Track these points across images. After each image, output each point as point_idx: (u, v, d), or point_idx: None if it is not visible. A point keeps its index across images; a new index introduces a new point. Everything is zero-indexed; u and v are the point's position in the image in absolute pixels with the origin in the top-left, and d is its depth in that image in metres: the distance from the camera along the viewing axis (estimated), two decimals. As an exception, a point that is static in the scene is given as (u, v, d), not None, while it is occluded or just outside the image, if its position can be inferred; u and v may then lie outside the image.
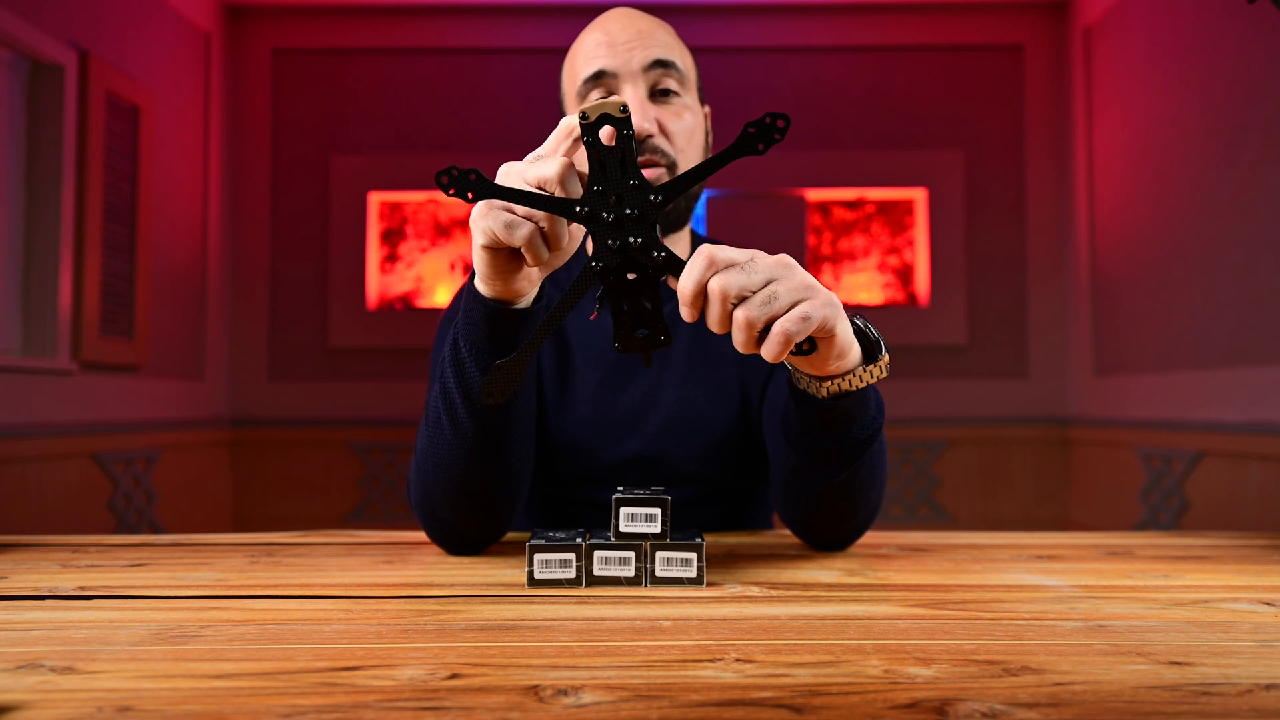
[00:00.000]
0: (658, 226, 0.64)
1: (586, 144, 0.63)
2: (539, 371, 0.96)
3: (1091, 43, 3.10)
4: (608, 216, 0.63)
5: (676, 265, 0.64)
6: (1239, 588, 0.67)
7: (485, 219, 0.66)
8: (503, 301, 0.73)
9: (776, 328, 0.61)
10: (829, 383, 0.70)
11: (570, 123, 0.65)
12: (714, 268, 0.62)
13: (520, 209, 0.65)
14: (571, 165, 0.64)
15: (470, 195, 0.65)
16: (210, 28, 3.14)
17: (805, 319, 0.62)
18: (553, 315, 0.64)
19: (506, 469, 0.79)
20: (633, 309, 0.64)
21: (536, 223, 0.65)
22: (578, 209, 0.63)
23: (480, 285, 0.72)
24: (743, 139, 0.63)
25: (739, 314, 0.61)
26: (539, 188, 0.64)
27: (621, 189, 0.63)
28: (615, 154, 0.63)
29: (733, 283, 0.61)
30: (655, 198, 0.63)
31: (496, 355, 0.74)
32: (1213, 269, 2.43)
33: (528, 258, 0.65)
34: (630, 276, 0.64)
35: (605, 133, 0.63)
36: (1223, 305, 2.39)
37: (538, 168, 0.64)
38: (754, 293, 0.61)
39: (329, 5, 3.26)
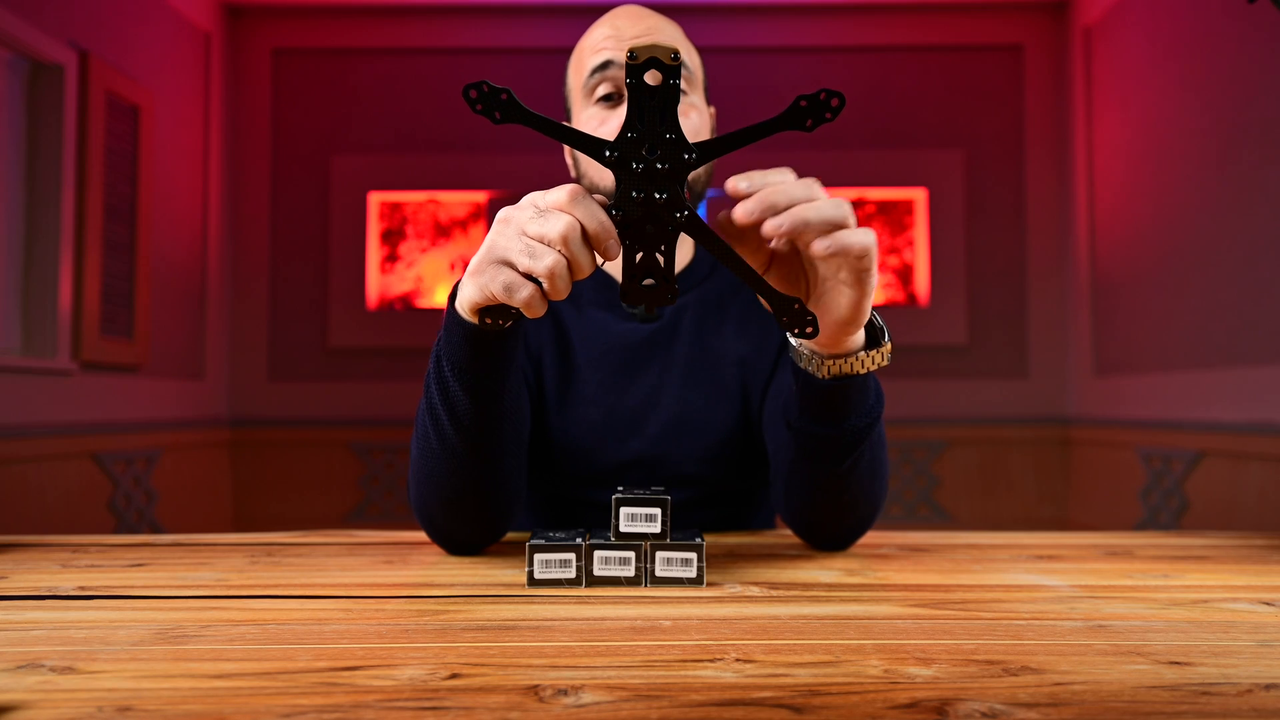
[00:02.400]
0: (686, 185, 0.62)
1: (629, 85, 0.60)
2: (539, 372, 0.96)
3: (1091, 43, 3.10)
4: (637, 166, 0.60)
5: (698, 230, 0.61)
6: (1239, 588, 0.67)
7: (483, 275, 0.63)
8: None
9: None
10: (831, 363, 0.70)
11: (578, 189, 0.61)
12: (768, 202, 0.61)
13: (522, 265, 0.60)
14: (579, 226, 0.60)
15: (498, 115, 0.60)
16: (210, 28, 3.14)
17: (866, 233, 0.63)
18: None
19: (498, 479, 0.78)
20: (645, 260, 0.62)
21: (539, 282, 0.61)
22: (608, 153, 0.60)
23: (462, 310, 0.69)
24: (791, 112, 0.60)
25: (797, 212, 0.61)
26: (539, 241, 0.60)
27: (656, 140, 0.60)
28: (657, 102, 0.60)
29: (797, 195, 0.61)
30: (690, 155, 0.60)
31: (479, 373, 0.71)
32: (1212, 269, 2.43)
33: (524, 312, 0.62)
34: (649, 228, 0.61)
35: (650, 76, 0.59)
36: (1222, 305, 2.39)
37: (540, 223, 0.60)
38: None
39: (329, 5, 3.26)
